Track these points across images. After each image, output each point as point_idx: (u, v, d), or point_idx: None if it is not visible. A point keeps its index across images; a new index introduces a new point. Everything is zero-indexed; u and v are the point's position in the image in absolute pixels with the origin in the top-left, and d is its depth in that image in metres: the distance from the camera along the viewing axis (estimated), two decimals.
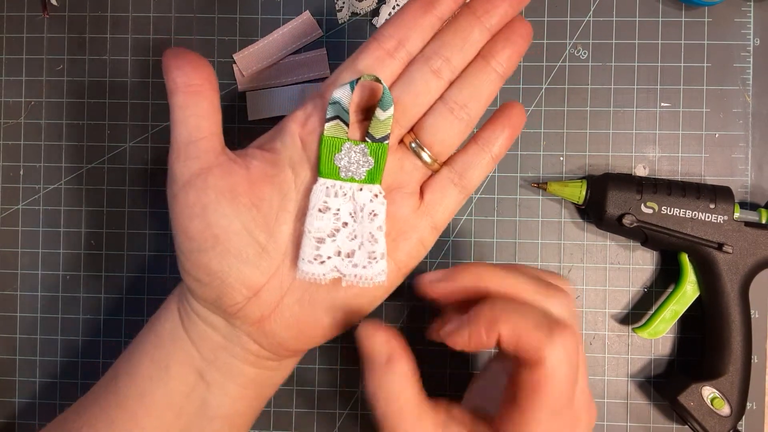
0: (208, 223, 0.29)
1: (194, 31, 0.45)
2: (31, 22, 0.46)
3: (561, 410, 0.26)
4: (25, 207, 0.45)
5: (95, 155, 0.45)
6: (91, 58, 0.45)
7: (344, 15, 0.45)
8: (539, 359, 0.25)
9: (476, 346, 0.27)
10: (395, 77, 0.30)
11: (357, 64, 0.30)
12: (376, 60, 0.30)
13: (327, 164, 0.29)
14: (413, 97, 0.30)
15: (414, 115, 0.31)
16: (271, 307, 0.31)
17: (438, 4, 0.30)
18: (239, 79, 0.45)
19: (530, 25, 0.31)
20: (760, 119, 0.44)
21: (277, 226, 0.30)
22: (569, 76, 0.44)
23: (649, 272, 0.44)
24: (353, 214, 0.30)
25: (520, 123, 0.33)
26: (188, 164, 0.30)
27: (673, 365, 0.44)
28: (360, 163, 0.29)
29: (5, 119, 0.45)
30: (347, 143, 0.29)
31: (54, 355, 0.45)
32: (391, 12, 0.43)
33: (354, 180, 0.29)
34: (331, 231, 0.30)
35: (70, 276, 0.45)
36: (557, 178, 0.44)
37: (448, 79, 0.31)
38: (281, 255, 0.30)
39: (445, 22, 0.31)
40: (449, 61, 0.30)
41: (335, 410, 0.44)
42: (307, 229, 0.29)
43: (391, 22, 0.30)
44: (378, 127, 0.29)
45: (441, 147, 0.31)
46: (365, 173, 0.30)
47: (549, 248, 0.44)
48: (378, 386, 0.28)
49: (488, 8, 0.30)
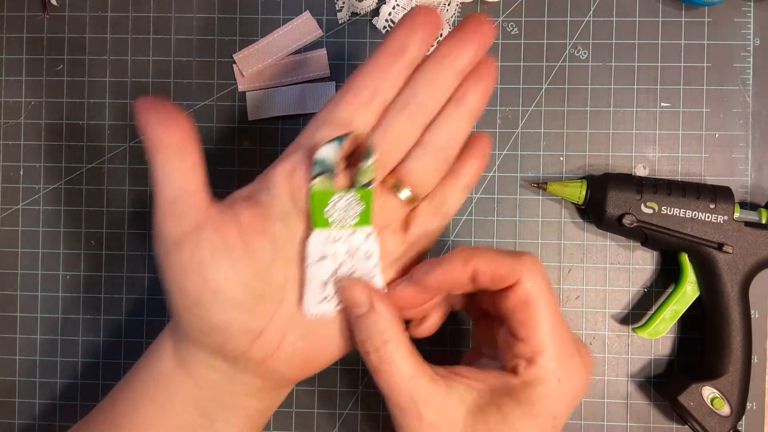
0: (205, 279, 0.29)
1: (194, 31, 0.45)
2: (31, 22, 0.46)
3: (557, 316, 0.30)
4: (25, 207, 0.45)
5: (95, 155, 0.45)
6: (91, 58, 0.45)
7: (344, 15, 0.45)
8: (517, 280, 0.30)
9: (451, 285, 0.31)
10: (373, 124, 0.31)
11: (335, 115, 0.31)
12: (354, 111, 0.30)
13: (319, 216, 0.30)
14: (392, 144, 0.31)
15: (393, 159, 0.32)
16: (274, 346, 0.31)
17: (407, 51, 0.30)
18: (239, 79, 0.45)
19: (496, 63, 0.33)
20: (760, 119, 0.44)
21: (272, 273, 0.30)
22: (569, 76, 0.44)
23: (649, 272, 0.44)
24: (349, 254, 0.31)
25: (489, 152, 0.35)
26: (179, 223, 0.29)
27: (673, 365, 0.44)
28: (350, 210, 0.31)
29: (5, 119, 0.45)
30: (336, 194, 0.30)
31: (54, 355, 0.45)
32: (391, 12, 0.43)
33: (345, 226, 0.31)
34: (331, 274, 0.31)
35: (70, 276, 0.45)
36: (557, 178, 0.44)
37: (423, 122, 0.32)
38: (279, 297, 0.31)
39: (416, 66, 0.32)
40: (424, 106, 0.31)
41: (335, 410, 0.44)
42: (308, 278, 0.31)
43: (364, 72, 0.31)
44: (363, 174, 0.30)
45: (421, 186, 0.32)
46: (356, 218, 0.31)
47: (549, 248, 0.44)
48: (366, 334, 0.30)
49: (457, 52, 0.31)
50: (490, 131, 0.44)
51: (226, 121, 0.45)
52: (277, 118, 0.45)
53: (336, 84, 0.45)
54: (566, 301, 0.44)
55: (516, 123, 0.44)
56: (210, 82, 0.45)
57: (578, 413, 0.43)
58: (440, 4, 0.44)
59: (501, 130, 0.44)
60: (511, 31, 0.44)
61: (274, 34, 0.45)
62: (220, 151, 0.45)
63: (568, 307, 0.44)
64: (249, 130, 0.45)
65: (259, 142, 0.45)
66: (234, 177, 0.45)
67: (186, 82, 0.45)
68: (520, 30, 0.44)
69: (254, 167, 0.45)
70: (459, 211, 0.44)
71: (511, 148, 0.44)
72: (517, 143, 0.44)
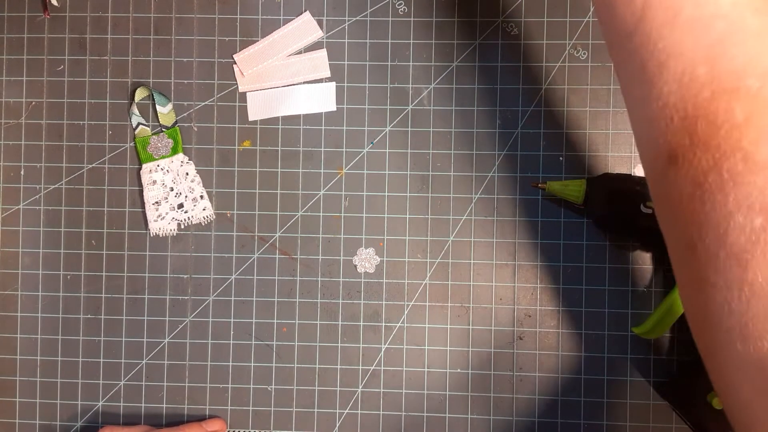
0: None
1: (194, 31, 0.45)
2: (32, 22, 0.46)
3: None
4: (26, 207, 0.45)
5: (95, 155, 0.45)
6: (92, 58, 0.45)
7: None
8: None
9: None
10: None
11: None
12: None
13: (144, 154, 0.45)
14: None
15: None
16: None
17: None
18: (239, 79, 0.45)
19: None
20: None
21: None
22: (569, 76, 0.44)
23: (649, 272, 0.44)
24: (174, 181, 0.44)
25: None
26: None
27: (673, 365, 0.44)
28: (163, 144, 0.44)
29: (6, 119, 0.46)
30: (153, 137, 0.45)
31: (54, 354, 0.45)
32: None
33: (164, 156, 0.44)
34: (162, 196, 0.44)
35: (70, 276, 0.45)
36: (557, 178, 0.44)
37: None
38: None
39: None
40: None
41: (335, 410, 0.44)
42: (146, 199, 0.44)
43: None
44: (165, 118, 0.45)
45: None
46: (170, 149, 0.44)
47: (549, 248, 0.44)
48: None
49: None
50: (490, 131, 0.44)
51: (226, 121, 0.45)
52: (277, 118, 0.45)
53: (336, 84, 0.45)
54: (566, 302, 0.44)
55: (516, 123, 0.44)
56: (210, 83, 0.45)
57: (578, 413, 0.43)
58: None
59: (501, 130, 0.44)
60: (511, 31, 0.45)
61: (275, 35, 0.45)
62: (220, 151, 0.45)
63: (568, 307, 0.44)
64: (249, 130, 0.45)
65: (259, 142, 0.45)
66: (234, 177, 0.45)
67: (186, 82, 0.45)
68: (520, 30, 0.45)
69: (254, 167, 0.45)
70: (459, 211, 0.44)
71: (511, 148, 0.44)
72: (516, 143, 0.44)
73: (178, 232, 0.45)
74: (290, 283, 0.45)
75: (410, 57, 0.45)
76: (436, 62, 0.45)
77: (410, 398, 0.44)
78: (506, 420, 0.44)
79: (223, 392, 0.45)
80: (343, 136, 0.45)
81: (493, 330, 0.44)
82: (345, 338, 0.44)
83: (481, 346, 0.44)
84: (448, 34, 0.45)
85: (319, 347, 0.44)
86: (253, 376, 0.45)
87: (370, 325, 0.44)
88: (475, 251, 0.44)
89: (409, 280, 0.44)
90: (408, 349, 0.44)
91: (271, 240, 0.45)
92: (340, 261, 0.45)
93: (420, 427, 0.44)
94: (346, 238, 0.45)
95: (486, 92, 0.45)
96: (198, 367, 0.45)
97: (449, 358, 0.44)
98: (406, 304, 0.44)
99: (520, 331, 0.44)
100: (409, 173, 0.45)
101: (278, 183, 0.45)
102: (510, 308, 0.44)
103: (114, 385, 0.45)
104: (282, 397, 0.44)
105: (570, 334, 0.44)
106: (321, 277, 0.45)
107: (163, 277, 0.45)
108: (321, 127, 0.45)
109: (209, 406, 0.45)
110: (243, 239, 0.45)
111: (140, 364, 0.45)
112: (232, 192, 0.45)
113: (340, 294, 0.45)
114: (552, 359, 0.44)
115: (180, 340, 0.45)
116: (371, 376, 0.44)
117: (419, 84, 0.45)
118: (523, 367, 0.44)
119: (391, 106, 0.45)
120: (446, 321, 0.44)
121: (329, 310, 0.45)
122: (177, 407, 0.45)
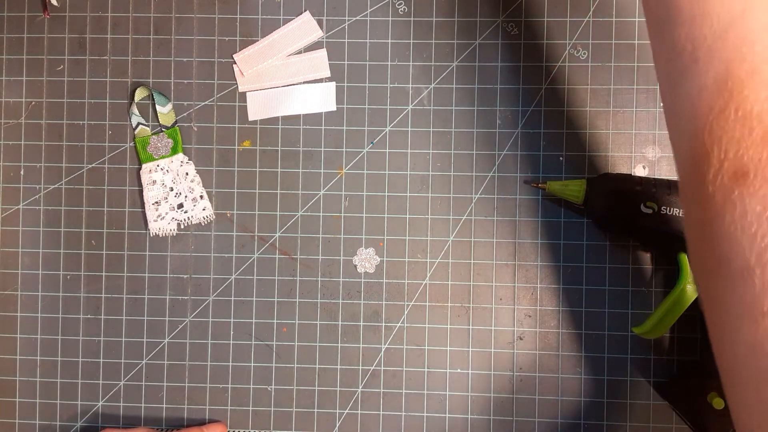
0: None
1: (194, 31, 0.45)
2: (32, 22, 0.46)
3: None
4: (26, 207, 0.45)
5: (95, 155, 0.45)
6: (92, 58, 0.45)
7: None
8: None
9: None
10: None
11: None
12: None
13: (144, 154, 0.45)
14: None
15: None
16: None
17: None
18: (239, 79, 0.45)
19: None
20: None
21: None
22: (569, 76, 0.44)
23: (649, 272, 0.44)
24: (174, 181, 0.44)
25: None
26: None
27: (673, 365, 0.44)
28: (163, 144, 0.44)
29: (6, 119, 0.46)
30: (152, 137, 0.45)
31: (54, 354, 0.45)
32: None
33: (164, 156, 0.44)
34: (162, 196, 0.44)
35: (70, 276, 0.45)
36: (557, 178, 0.44)
37: None
38: None
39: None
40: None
41: (335, 410, 0.44)
42: (145, 199, 0.44)
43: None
44: (165, 118, 0.45)
45: None
46: (170, 149, 0.44)
47: (549, 248, 0.44)
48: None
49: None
50: (490, 131, 0.44)
51: (226, 121, 0.45)
52: (277, 118, 0.45)
53: (336, 84, 0.45)
54: (566, 302, 0.44)
55: (516, 123, 0.44)
56: (210, 82, 0.45)
57: (578, 413, 0.43)
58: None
59: (501, 130, 0.44)
60: (511, 31, 0.45)
61: (275, 35, 0.45)
62: (220, 151, 0.45)
63: (569, 307, 0.44)
64: (249, 130, 0.45)
65: (259, 142, 0.45)
66: (234, 177, 0.45)
67: (186, 82, 0.45)
68: (520, 30, 0.45)
69: (254, 167, 0.45)
70: (459, 211, 0.44)
71: (511, 148, 0.44)
72: (517, 143, 0.44)
73: (177, 232, 0.45)
74: (290, 283, 0.45)
75: (410, 57, 0.45)
76: (436, 62, 0.45)
77: (410, 398, 0.44)
78: (506, 420, 0.44)
79: (223, 392, 0.45)
80: (343, 136, 0.45)
81: (493, 330, 0.44)
82: (345, 338, 0.44)
83: (481, 346, 0.44)
84: (448, 34, 0.45)
85: (319, 347, 0.44)
86: (253, 376, 0.45)
87: (370, 325, 0.44)
88: (475, 251, 0.44)
89: (409, 280, 0.44)
90: (408, 349, 0.44)
91: (271, 240, 0.45)
92: (340, 261, 0.45)
93: (420, 427, 0.44)
94: (346, 238, 0.45)
95: (486, 92, 0.45)
96: (198, 367, 0.45)
97: (449, 358, 0.44)
98: (406, 304, 0.44)
99: (520, 331, 0.44)
100: (409, 173, 0.45)
101: (278, 183, 0.45)
102: (510, 308, 0.44)
103: (114, 385, 0.45)
104: (282, 397, 0.44)
105: (570, 334, 0.44)
106: (321, 277, 0.45)
107: (163, 277, 0.45)
108: (321, 127, 0.45)
109: (209, 407, 0.45)
110: (243, 239, 0.45)
111: (140, 364, 0.45)
112: (231, 192, 0.45)
113: (340, 294, 0.45)
114: (552, 359, 0.44)
115: (180, 340, 0.45)
116: (371, 376, 0.44)
117: (419, 84, 0.45)
118: (523, 367, 0.44)
119: (391, 106, 0.45)
120: (446, 321, 0.44)
121: (329, 310, 0.45)
122: (177, 407, 0.45)
